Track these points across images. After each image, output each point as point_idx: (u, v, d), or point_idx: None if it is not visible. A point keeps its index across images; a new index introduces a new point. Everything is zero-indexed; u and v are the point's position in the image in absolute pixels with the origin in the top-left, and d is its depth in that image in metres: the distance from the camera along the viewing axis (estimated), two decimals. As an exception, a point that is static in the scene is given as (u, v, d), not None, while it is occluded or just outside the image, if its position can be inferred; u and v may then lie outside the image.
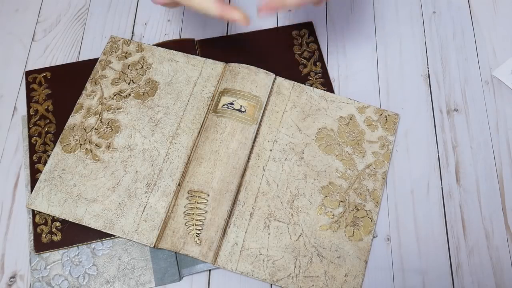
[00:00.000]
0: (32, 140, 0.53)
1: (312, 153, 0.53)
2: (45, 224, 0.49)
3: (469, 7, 0.63)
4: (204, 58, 0.57)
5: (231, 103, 0.54)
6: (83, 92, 0.55)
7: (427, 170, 0.54)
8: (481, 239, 0.51)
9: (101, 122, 0.53)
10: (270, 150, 0.52)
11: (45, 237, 0.49)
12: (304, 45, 0.59)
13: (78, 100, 0.55)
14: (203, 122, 0.53)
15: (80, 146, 0.52)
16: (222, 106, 0.53)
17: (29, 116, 0.54)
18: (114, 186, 0.50)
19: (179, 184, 0.50)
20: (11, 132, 0.55)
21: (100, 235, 0.49)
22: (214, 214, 0.49)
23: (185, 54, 0.57)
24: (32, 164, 0.52)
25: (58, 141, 0.52)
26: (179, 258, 0.49)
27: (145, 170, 0.51)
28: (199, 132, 0.53)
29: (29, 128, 0.54)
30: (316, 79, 0.57)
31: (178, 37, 0.61)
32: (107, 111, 0.54)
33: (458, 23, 0.62)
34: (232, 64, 0.56)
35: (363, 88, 0.58)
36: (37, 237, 0.49)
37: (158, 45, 0.58)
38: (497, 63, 0.59)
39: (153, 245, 0.48)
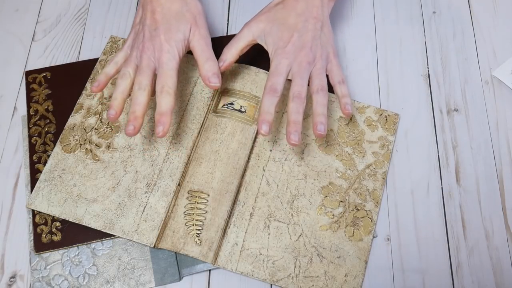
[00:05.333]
0: (32, 140, 0.53)
1: (312, 153, 0.52)
2: (45, 224, 0.49)
3: (469, 7, 0.63)
4: (204, 58, 0.57)
5: (231, 103, 0.54)
6: (83, 92, 0.55)
7: (427, 170, 0.54)
8: (481, 239, 0.51)
9: (101, 122, 0.53)
10: (270, 150, 0.52)
11: (45, 237, 0.49)
12: (304, 45, 0.59)
13: (78, 100, 0.55)
14: (203, 122, 0.53)
15: (80, 146, 0.52)
16: (222, 106, 0.53)
17: (29, 116, 0.54)
18: (114, 186, 0.50)
19: (179, 184, 0.50)
20: (11, 132, 0.55)
21: (100, 235, 0.49)
22: (214, 214, 0.49)
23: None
24: (32, 164, 0.52)
25: (58, 141, 0.52)
26: (179, 258, 0.49)
27: (145, 170, 0.51)
28: (199, 132, 0.53)
29: (29, 128, 0.54)
30: (316, 79, 0.57)
31: (178, 37, 0.60)
32: (107, 111, 0.54)
33: (458, 23, 0.62)
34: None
35: (363, 88, 0.58)
36: (37, 237, 0.49)
37: (158, 45, 0.58)
38: (497, 63, 0.59)
39: (153, 245, 0.48)
